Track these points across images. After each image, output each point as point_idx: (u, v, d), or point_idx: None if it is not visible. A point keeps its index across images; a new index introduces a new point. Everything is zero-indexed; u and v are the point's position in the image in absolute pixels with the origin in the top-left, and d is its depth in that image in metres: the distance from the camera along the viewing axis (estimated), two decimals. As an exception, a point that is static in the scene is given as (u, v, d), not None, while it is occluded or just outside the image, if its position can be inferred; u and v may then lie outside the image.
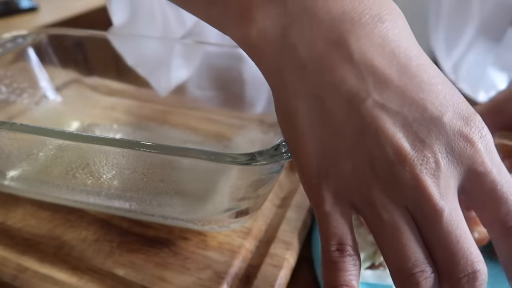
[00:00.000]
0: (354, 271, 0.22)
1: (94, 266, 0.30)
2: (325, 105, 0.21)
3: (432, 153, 0.20)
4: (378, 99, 0.20)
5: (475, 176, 0.21)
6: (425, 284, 0.20)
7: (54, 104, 0.47)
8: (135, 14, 0.49)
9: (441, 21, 0.51)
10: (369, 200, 0.21)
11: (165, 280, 0.29)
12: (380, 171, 0.20)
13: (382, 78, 0.20)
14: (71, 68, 0.48)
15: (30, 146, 0.35)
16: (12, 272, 0.30)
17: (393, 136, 0.20)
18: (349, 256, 0.22)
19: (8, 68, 0.43)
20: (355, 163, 0.21)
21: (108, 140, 0.26)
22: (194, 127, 0.45)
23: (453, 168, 0.20)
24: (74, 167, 0.32)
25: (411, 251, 0.20)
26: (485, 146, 0.21)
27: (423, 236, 0.21)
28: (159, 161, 0.28)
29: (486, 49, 0.50)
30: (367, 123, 0.20)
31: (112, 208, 0.33)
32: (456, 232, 0.20)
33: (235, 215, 0.29)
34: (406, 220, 0.21)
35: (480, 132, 0.21)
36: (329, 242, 0.22)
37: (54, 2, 0.84)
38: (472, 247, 0.20)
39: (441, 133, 0.20)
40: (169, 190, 0.30)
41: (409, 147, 0.20)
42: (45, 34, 0.46)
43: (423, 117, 0.20)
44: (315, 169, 0.22)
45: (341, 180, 0.21)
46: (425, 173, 0.20)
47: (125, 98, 0.48)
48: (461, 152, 0.20)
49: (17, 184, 0.35)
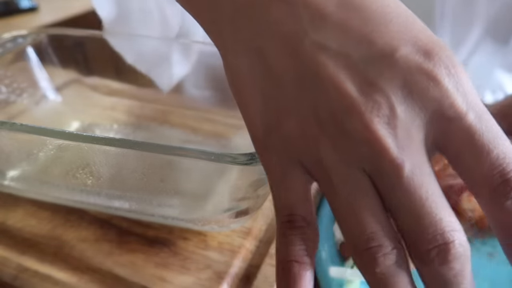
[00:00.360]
0: (305, 245, 0.18)
1: (94, 266, 0.30)
2: (263, 55, 0.18)
3: (385, 97, 0.16)
4: (316, 39, 0.17)
5: (445, 123, 0.17)
6: (383, 261, 0.17)
7: (54, 104, 0.47)
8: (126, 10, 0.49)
9: (446, 20, 0.50)
10: (317, 160, 0.18)
11: (165, 280, 0.29)
12: (326, 125, 0.17)
13: (318, 14, 0.17)
14: (71, 68, 0.48)
15: (30, 146, 0.35)
16: (13, 272, 0.30)
17: (336, 81, 0.17)
18: (300, 228, 0.18)
19: (8, 68, 0.43)
20: (299, 118, 0.18)
21: (108, 140, 0.26)
22: (194, 127, 0.45)
23: (414, 115, 0.16)
24: (74, 167, 0.32)
25: (367, 222, 0.17)
26: (456, 84, 0.16)
27: (384, 202, 0.17)
28: (159, 161, 0.28)
29: (493, 50, 0.48)
30: (306, 68, 0.17)
31: (112, 208, 0.33)
32: (420, 192, 0.16)
33: (235, 215, 0.29)
34: (361, 184, 0.17)
35: (448, 67, 0.17)
36: (279, 213, 0.19)
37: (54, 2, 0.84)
38: (443, 211, 0.17)
39: (395, 71, 0.16)
40: (169, 190, 0.30)
41: (356, 92, 0.16)
42: (45, 34, 0.46)
43: (371, 55, 0.17)
44: (261, 130, 0.19)
45: (287, 140, 0.18)
46: (377, 122, 0.16)
47: (125, 98, 0.48)
48: (423, 93, 0.16)
49: (17, 184, 0.35)
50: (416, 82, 0.16)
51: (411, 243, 0.17)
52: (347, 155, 0.17)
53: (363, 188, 0.17)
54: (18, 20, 0.77)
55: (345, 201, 0.18)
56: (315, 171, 0.18)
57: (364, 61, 0.17)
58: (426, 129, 0.17)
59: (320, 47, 0.17)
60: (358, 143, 0.17)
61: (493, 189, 0.16)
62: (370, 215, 0.17)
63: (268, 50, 0.18)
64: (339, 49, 0.17)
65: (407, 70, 0.16)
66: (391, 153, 0.16)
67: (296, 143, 0.18)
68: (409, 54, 0.16)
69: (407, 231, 0.17)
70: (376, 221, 0.17)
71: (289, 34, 0.17)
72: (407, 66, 0.16)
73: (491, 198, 0.17)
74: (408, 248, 0.17)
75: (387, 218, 0.17)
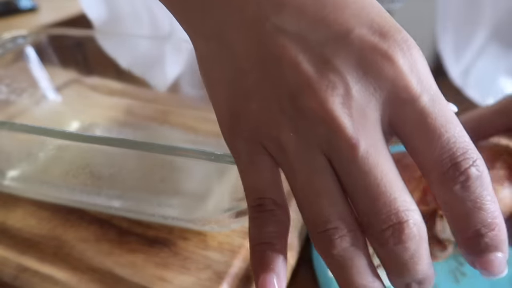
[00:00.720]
0: (277, 227, 0.19)
1: (94, 266, 0.30)
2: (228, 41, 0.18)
3: (340, 77, 0.16)
4: (276, 23, 0.17)
5: (399, 104, 0.17)
6: (339, 243, 0.17)
7: (54, 104, 0.47)
8: (116, 12, 0.50)
9: (449, 24, 0.49)
10: (279, 143, 0.18)
11: (165, 280, 0.29)
12: (286, 106, 0.17)
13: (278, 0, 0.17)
14: (71, 68, 0.48)
15: (30, 146, 0.35)
16: (13, 272, 0.30)
17: (294, 62, 0.17)
18: (271, 211, 0.19)
19: (8, 68, 0.43)
20: (261, 101, 0.18)
21: (108, 140, 0.26)
22: (194, 127, 0.45)
23: (368, 95, 0.17)
24: (74, 167, 0.32)
25: (324, 204, 0.17)
26: (410, 66, 0.16)
27: (342, 183, 0.17)
28: (159, 161, 0.28)
29: (497, 55, 0.48)
30: (267, 51, 0.17)
31: (112, 208, 0.33)
32: (375, 172, 0.16)
33: (235, 215, 0.29)
34: (319, 166, 0.17)
35: (403, 49, 0.17)
36: (249, 197, 0.19)
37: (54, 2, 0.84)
38: (398, 191, 0.17)
39: (349, 51, 0.16)
40: (169, 190, 0.30)
41: (312, 72, 0.17)
42: (45, 34, 0.46)
43: (327, 36, 0.17)
44: (227, 116, 0.19)
45: (251, 124, 0.18)
46: (332, 101, 0.16)
47: (125, 98, 0.48)
48: (377, 73, 0.16)
49: (17, 184, 0.35)
50: (371, 62, 0.16)
51: (367, 224, 0.17)
52: (305, 136, 0.17)
53: (321, 170, 0.17)
54: (18, 20, 0.77)
55: (304, 183, 0.18)
56: (276, 154, 0.18)
57: (321, 43, 0.17)
58: (381, 109, 0.17)
59: (280, 30, 0.17)
60: (314, 122, 0.17)
61: (443, 173, 0.16)
62: (327, 198, 0.17)
63: (232, 37, 0.18)
64: (298, 32, 0.17)
65: (362, 51, 0.16)
66: (346, 132, 0.16)
67: (259, 127, 0.18)
68: (364, 35, 0.17)
69: (363, 212, 0.17)
70: (333, 203, 0.17)
71: (251, 20, 0.18)
72: (362, 47, 0.16)
73: (440, 182, 0.17)
74: (366, 230, 0.17)
75: (344, 200, 0.17)
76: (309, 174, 0.17)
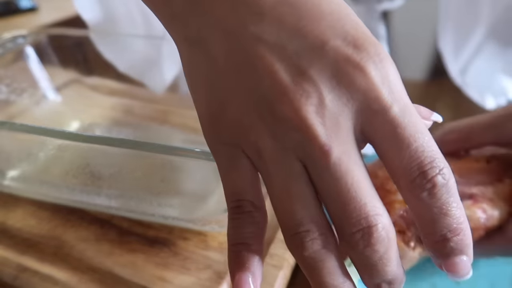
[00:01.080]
0: (253, 228, 0.19)
1: (94, 266, 0.30)
2: (208, 47, 0.19)
3: (314, 87, 0.17)
4: (255, 32, 0.18)
5: (371, 114, 0.17)
6: (310, 245, 0.18)
7: (54, 104, 0.47)
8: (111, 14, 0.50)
9: (449, 23, 0.49)
10: (256, 148, 0.18)
11: (165, 280, 0.29)
12: (263, 112, 0.18)
13: (257, 10, 0.18)
14: (71, 68, 0.48)
15: (30, 146, 0.35)
16: (13, 272, 0.30)
17: (270, 70, 0.17)
18: (248, 213, 0.19)
19: (8, 68, 0.44)
20: (238, 106, 0.18)
21: (108, 140, 0.26)
22: (194, 127, 0.45)
23: (341, 104, 0.17)
24: (74, 167, 0.32)
25: (297, 208, 0.18)
26: (382, 77, 0.17)
27: (315, 188, 0.18)
28: (159, 161, 0.28)
29: (495, 53, 0.48)
30: (245, 59, 0.18)
31: (112, 208, 0.33)
32: (346, 178, 0.17)
33: (235, 215, 0.29)
34: (294, 170, 0.18)
35: (375, 61, 0.17)
36: (228, 199, 0.20)
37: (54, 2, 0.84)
38: (368, 197, 0.17)
39: (324, 63, 0.17)
40: (169, 190, 0.30)
41: (288, 81, 0.17)
42: (45, 34, 0.46)
43: (304, 47, 0.17)
44: (207, 119, 0.20)
45: (229, 128, 0.19)
46: (306, 110, 0.17)
47: (125, 98, 0.48)
48: (350, 84, 0.17)
49: (17, 184, 0.35)
50: (344, 73, 0.17)
51: (339, 227, 0.18)
52: (282, 142, 0.18)
53: (295, 175, 0.18)
54: (18, 20, 0.77)
55: (279, 187, 0.18)
56: (254, 158, 0.19)
57: (297, 53, 0.17)
58: (354, 118, 0.18)
59: (258, 39, 0.18)
60: (290, 130, 0.17)
61: (411, 180, 0.17)
62: (301, 202, 0.18)
63: (213, 43, 0.19)
64: (275, 42, 0.18)
65: (336, 62, 0.17)
66: (319, 140, 0.17)
67: (237, 131, 0.19)
68: (339, 47, 0.17)
69: (335, 216, 0.18)
70: (306, 207, 0.18)
71: (231, 28, 0.18)
72: (336, 58, 0.17)
73: (409, 189, 0.17)
74: (337, 233, 0.18)
75: (317, 205, 0.18)
76: (284, 178, 0.18)
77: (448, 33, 0.50)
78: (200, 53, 0.19)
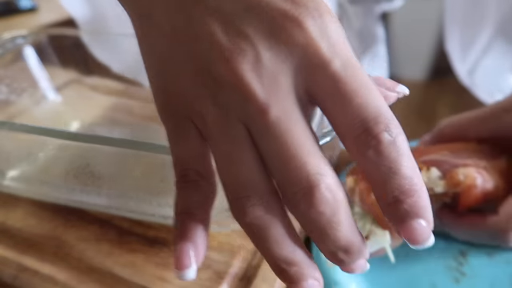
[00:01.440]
0: (198, 197, 0.19)
1: (94, 266, 0.30)
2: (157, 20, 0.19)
3: (250, 44, 0.17)
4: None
5: (311, 70, 0.17)
6: (251, 211, 0.17)
7: (54, 104, 0.47)
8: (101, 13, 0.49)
9: (456, 23, 0.49)
10: (201, 116, 0.18)
11: (165, 280, 0.29)
12: (206, 79, 0.18)
13: None
14: (71, 68, 0.48)
15: (30, 146, 0.35)
16: (13, 272, 0.30)
17: (209, 33, 0.17)
18: (193, 181, 0.19)
19: (8, 68, 0.44)
20: (185, 76, 0.18)
21: (108, 140, 0.26)
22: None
23: (279, 61, 0.17)
24: (74, 167, 0.32)
25: (239, 173, 0.17)
26: (321, 31, 0.16)
27: (259, 152, 0.18)
28: (159, 161, 0.28)
29: (503, 52, 0.48)
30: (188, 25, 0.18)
31: (112, 208, 0.33)
32: (286, 137, 0.16)
33: (235, 215, 0.29)
34: (237, 135, 0.17)
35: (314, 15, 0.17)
36: (175, 169, 0.19)
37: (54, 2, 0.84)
38: (310, 156, 0.16)
39: (261, 20, 0.17)
40: (169, 190, 0.30)
41: (225, 41, 0.17)
42: (45, 34, 0.46)
43: (241, 7, 0.17)
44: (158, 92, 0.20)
45: (178, 99, 0.19)
46: (242, 68, 0.16)
47: (125, 98, 0.48)
48: (288, 40, 0.17)
49: (17, 184, 0.35)
50: (282, 29, 0.17)
51: (281, 190, 0.17)
52: (224, 107, 0.17)
53: (238, 139, 0.17)
54: (18, 20, 0.77)
55: (222, 152, 0.18)
56: (201, 127, 0.19)
57: (236, 13, 0.17)
58: (293, 76, 0.17)
59: (199, 4, 0.17)
60: (229, 91, 0.17)
61: (355, 137, 0.16)
62: (243, 167, 0.17)
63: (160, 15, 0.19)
64: (216, 6, 0.17)
65: (273, 18, 0.17)
66: (257, 98, 0.17)
67: (184, 102, 0.19)
68: (275, 2, 0.17)
69: (276, 178, 0.17)
70: (248, 172, 0.17)
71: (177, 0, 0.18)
72: (273, 15, 0.17)
73: (355, 147, 0.17)
74: (282, 197, 0.17)
75: (261, 169, 0.18)
76: (227, 143, 0.18)
77: (455, 34, 0.49)
78: (151, 26, 0.19)
